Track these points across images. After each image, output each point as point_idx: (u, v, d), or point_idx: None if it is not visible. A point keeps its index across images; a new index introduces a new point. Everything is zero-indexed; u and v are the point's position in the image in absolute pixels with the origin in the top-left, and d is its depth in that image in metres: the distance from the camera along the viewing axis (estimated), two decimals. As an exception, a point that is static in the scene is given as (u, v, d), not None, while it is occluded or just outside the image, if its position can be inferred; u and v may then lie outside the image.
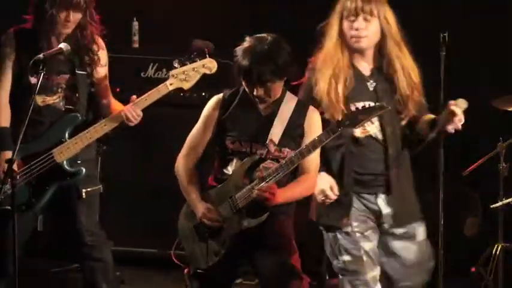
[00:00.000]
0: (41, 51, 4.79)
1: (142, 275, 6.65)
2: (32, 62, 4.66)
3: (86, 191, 5.08)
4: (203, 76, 4.97)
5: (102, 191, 5.69)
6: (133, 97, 5.00)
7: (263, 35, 4.69)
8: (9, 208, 4.80)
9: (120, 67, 5.43)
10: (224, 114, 4.79)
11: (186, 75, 4.95)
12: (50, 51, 4.79)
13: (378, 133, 4.64)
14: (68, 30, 4.98)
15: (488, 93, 6.15)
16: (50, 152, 4.97)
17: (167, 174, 4.91)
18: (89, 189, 5.10)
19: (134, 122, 4.99)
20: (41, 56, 4.66)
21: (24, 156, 4.94)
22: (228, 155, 4.75)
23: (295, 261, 4.72)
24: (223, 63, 5.09)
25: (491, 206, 6.02)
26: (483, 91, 6.28)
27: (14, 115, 4.99)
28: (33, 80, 4.83)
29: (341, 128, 4.49)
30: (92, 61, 5.05)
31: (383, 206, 4.69)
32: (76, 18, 4.95)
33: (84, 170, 5.02)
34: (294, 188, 4.72)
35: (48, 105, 5.02)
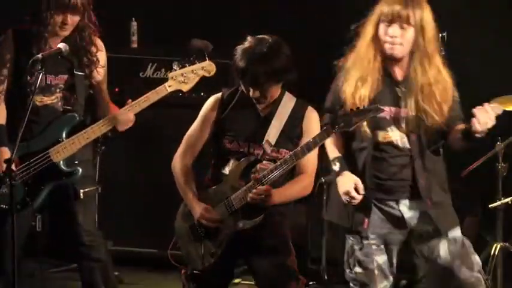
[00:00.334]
0: (39, 52, 4.79)
1: (141, 274, 6.65)
2: (31, 62, 4.66)
3: (83, 191, 5.08)
4: (202, 78, 4.97)
5: (101, 191, 5.71)
6: (129, 100, 5.00)
7: (264, 37, 4.67)
8: (4, 207, 4.82)
9: (118, 67, 5.43)
10: (222, 114, 4.79)
11: (185, 78, 4.94)
12: (49, 51, 4.79)
13: (400, 140, 4.49)
14: (66, 32, 4.97)
15: (487, 93, 6.15)
16: (46, 152, 4.97)
17: (165, 174, 4.91)
18: (86, 189, 5.10)
19: (124, 127, 4.99)
20: (39, 56, 4.66)
21: (21, 155, 4.93)
22: (225, 154, 4.75)
23: (292, 262, 4.72)
24: (222, 63, 5.08)
25: (490, 206, 6.02)
26: (482, 91, 6.26)
27: (12, 114, 4.99)
28: (32, 80, 4.83)
29: (336, 129, 4.46)
30: (91, 62, 5.05)
31: (405, 211, 4.53)
32: (74, 20, 4.95)
33: (80, 170, 5.01)
34: (290, 188, 4.71)
35: (46, 106, 5.02)
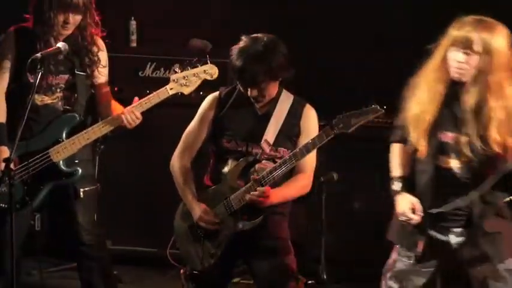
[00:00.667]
0: (40, 51, 4.79)
1: (140, 274, 6.65)
2: (30, 61, 4.66)
3: (83, 190, 5.08)
4: (203, 81, 4.98)
5: (100, 190, 5.68)
6: (136, 99, 5.00)
7: (259, 35, 4.67)
8: (4, 206, 4.82)
9: (118, 66, 5.42)
10: (220, 113, 4.79)
11: (186, 80, 4.94)
12: (48, 51, 4.79)
13: (459, 167, 4.38)
14: (68, 31, 4.97)
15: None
16: (46, 151, 4.97)
17: (165, 173, 4.91)
18: (86, 188, 5.09)
19: (133, 125, 4.98)
20: (38, 55, 4.66)
21: (20, 154, 4.93)
22: (224, 154, 4.74)
23: (291, 262, 4.72)
24: (221, 63, 5.08)
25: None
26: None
27: (12, 113, 4.99)
28: (32, 79, 4.83)
29: (335, 131, 4.46)
30: (92, 62, 5.05)
31: (453, 238, 4.43)
32: (76, 20, 4.95)
33: (80, 170, 5.01)
34: (288, 188, 4.71)
35: (46, 105, 5.02)
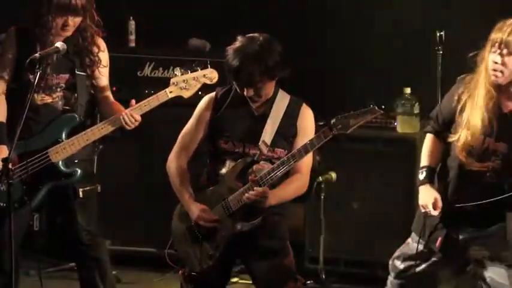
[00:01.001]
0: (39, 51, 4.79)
1: (139, 274, 6.64)
2: (28, 61, 4.66)
3: (83, 190, 5.08)
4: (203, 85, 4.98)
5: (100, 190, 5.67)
6: (133, 102, 5.00)
7: (254, 35, 4.66)
8: (2, 205, 4.81)
9: (116, 66, 5.41)
10: (217, 114, 4.78)
11: (186, 84, 4.95)
12: (46, 50, 4.79)
13: (485, 172, 4.39)
14: (68, 33, 4.97)
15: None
16: (45, 151, 4.97)
17: (164, 172, 4.90)
18: (85, 188, 5.10)
19: (132, 127, 4.99)
20: (37, 55, 4.66)
21: (20, 153, 4.93)
22: (221, 155, 4.73)
23: (290, 262, 4.71)
24: (220, 63, 5.08)
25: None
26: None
27: (13, 112, 4.98)
28: (33, 78, 4.83)
29: (333, 132, 4.46)
30: (93, 63, 5.05)
31: (462, 237, 4.47)
32: (75, 22, 4.95)
33: (79, 171, 5.01)
34: (286, 189, 4.70)
35: (46, 105, 5.02)
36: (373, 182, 6.27)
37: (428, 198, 4.45)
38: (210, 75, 4.95)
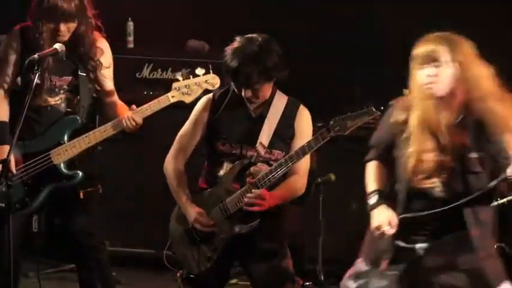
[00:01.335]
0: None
1: (138, 275, 6.65)
2: (27, 62, 4.65)
3: (83, 191, 5.08)
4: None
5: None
6: (133, 106, 5.01)
7: (253, 36, 4.66)
8: (2, 205, 4.82)
9: (115, 67, 5.41)
10: (214, 115, 4.78)
11: (188, 89, 4.95)
12: (45, 52, 4.78)
13: (437, 187, 4.33)
14: (64, 38, 4.95)
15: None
16: (47, 153, 4.98)
17: (162, 174, 4.90)
18: (87, 189, 5.10)
19: (133, 131, 5.00)
20: (35, 56, 4.65)
21: (24, 153, 4.94)
22: (218, 157, 4.73)
23: (287, 264, 4.72)
24: (218, 64, 5.08)
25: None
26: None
27: (17, 113, 4.98)
28: (38, 79, 4.82)
29: (331, 134, 4.45)
30: (94, 68, 5.05)
31: (418, 246, 4.39)
32: (69, 27, 4.93)
33: (80, 174, 5.02)
34: (284, 190, 4.70)
35: (49, 106, 5.03)
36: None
37: (383, 217, 4.33)
38: (212, 81, 4.94)
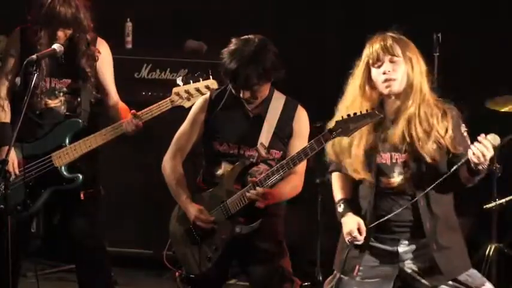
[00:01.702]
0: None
1: (137, 276, 6.65)
2: (25, 63, 4.65)
3: (84, 192, 5.09)
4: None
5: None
6: (133, 111, 5.02)
7: (249, 37, 4.65)
8: (2, 207, 4.82)
9: (113, 67, 5.42)
10: (211, 116, 4.77)
11: (188, 94, 4.96)
12: (43, 52, 4.78)
13: (402, 183, 4.35)
14: (60, 42, 4.96)
15: (481, 95, 6.17)
16: (49, 156, 4.98)
17: (161, 174, 4.90)
18: (88, 191, 5.10)
19: (133, 134, 5.02)
20: (34, 57, 4.65)
21: (26, 155, 4.95)
22: (216, 156, 4.73)
23: (286, 264, 4.72)
24: (217, 64, 5.09)
25: (484, 207, 6.03)
26: (476, 92, 6.28)
27: (17, 114, 4.98)
28: (36, 80, 4.82)
29: (333, 136, 4.45)
30: (93, 73, 5.06)
31: (402, 250, 4.39)
32: (65, 33, 4.96)
33: (81, 177, 5.03)
34: (282, 189, 4.69)
35: (50, 109, 5.05)
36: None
37: (352, 224, 4.35)
38: (212, 86, 4.95)
